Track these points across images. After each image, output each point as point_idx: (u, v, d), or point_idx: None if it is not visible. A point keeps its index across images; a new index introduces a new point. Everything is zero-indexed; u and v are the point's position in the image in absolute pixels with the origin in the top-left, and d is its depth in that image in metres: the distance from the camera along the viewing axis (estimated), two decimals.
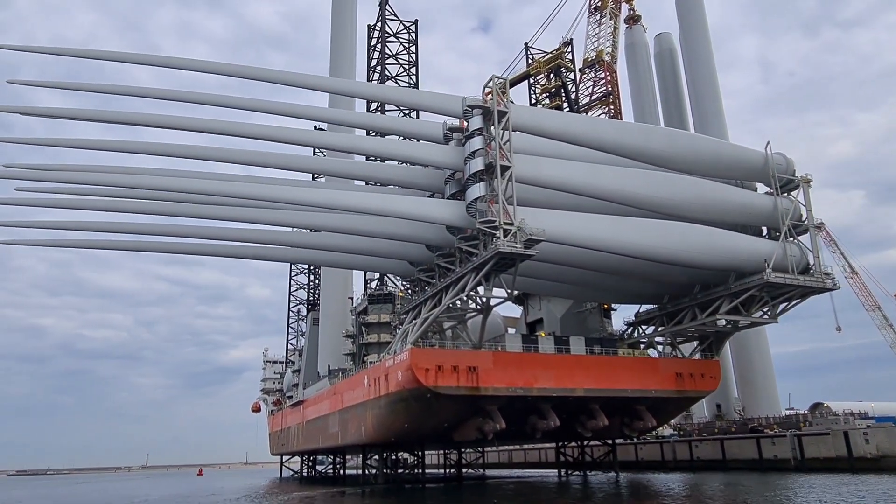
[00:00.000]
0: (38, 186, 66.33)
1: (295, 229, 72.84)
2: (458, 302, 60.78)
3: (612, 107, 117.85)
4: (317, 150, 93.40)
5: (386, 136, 72.41)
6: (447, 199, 61.01)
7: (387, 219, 59.76)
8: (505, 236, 53.51)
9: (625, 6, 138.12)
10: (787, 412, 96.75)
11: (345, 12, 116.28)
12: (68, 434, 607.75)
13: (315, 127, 66.93)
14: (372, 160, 74.40)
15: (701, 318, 71.27)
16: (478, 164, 55.92)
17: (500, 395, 62.95)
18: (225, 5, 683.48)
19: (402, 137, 68.56)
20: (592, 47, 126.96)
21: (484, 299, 60.98)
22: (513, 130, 58.87)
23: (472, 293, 59.82)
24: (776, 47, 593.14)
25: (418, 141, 65.70)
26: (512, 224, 54.18)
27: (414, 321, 67.62)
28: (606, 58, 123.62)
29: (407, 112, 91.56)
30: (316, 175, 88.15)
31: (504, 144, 57.07)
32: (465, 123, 59.28)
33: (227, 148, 59.76)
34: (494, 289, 60.57)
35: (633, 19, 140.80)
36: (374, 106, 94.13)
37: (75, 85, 65.91)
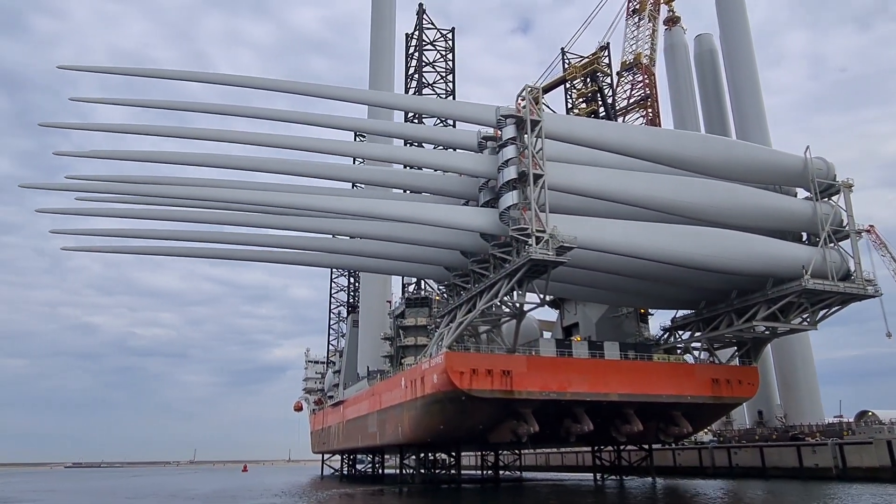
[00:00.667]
0: (96, 196, 70.61)
1: (335, 236, 75.46)
2: (492, 307, 61.99)
3: (650, 110, 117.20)
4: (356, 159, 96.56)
5: (423, 145, 74.51)
6: (481, 206, 62.47)
7: (423, 226, 61.61)
8: (537, 243, 54.66)
9: (664, 7, 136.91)
10: (833, 420, 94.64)
11: (384, 20, 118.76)
12: (120, 428, 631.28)
13: (355, 136, 69.24)
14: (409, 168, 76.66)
15: (737, 324, 70.89)
16: (511, 173, 57.23)
17: (534, 398, 64.04)
18: (269, 12, 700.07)
19: (437, 146, 70.43)
20: (630, 50, 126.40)
21: (517, 305, 62.08)
22: (546, 138, 60.03)
23: (505, 298, 60.98)
24: (826, 42, 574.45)
25: (455, 150, 67.32)
26: (544, 231, 55.29)
27: (449, 325, 69.29)
28: (645, 60, 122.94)
29: (443, 122, 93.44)
30: (355, 184, 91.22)
31: (536, 153, 58.22)
32: (499, 132, 60.64)
33: (274, 158, 62.64)
34: (528, 294, 61.87)
35: (672, 21, 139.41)
36: (411, 115, 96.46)
37: (130, 101, 69.84)
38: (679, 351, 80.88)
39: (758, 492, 67.79)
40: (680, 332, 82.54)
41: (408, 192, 70.61)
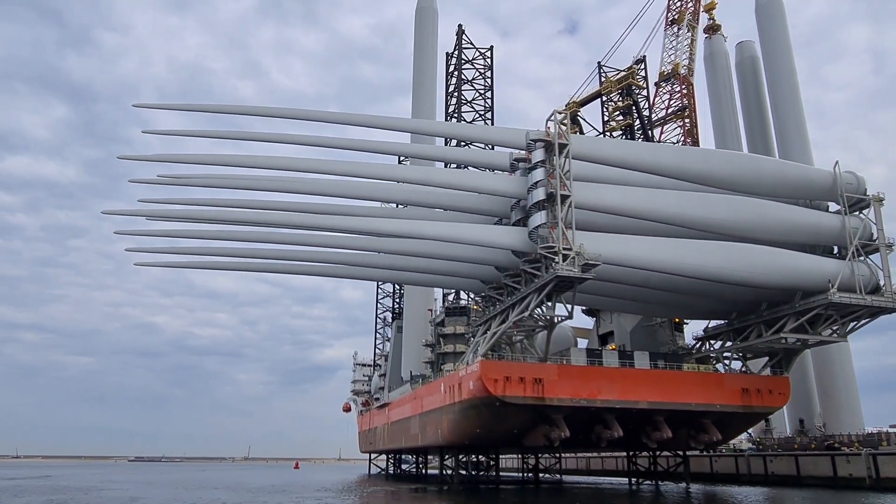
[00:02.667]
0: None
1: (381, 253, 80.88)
2: (523, 318, 65.90)
3: (687, 120, 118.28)
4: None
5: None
6: (513, 224, 66.56)
7: (459, 244, 66.16)
8: (563, 261, 58.41)
9: (704, 16, 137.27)
10: (873, 430, 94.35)
11: (426, 39, 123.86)
12: (179, 424, 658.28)
13: (399, 160, 74.71)
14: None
15: (767, 335, 72.70)
16: (539, 195, 61.14)
17: (565, 405, 67.55)
18: (319, 21, 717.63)
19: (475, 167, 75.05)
20: (669, 60, 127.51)
21: (547, 317, 65.84)
22: (574, 159, 63.66)
23: (536, 311, 64.83)
24: (889, 35, 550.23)
25: (492, 171, 71.63)
26: (570, 249, 58.98)
27: (485, 335, 73.57)
28: (683, 70, 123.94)
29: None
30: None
31: (564, 174, 61.91)
32: (529, 155, 64.59)
33: (331, 179, 68.27)
34: (558, 306, 65.54)
35: (712, 29, 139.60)
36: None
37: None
38: (712, 360, 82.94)
39: (794, 499, 69.22)
40: (712, 342, 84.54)
41: (447, 210, 75.43)
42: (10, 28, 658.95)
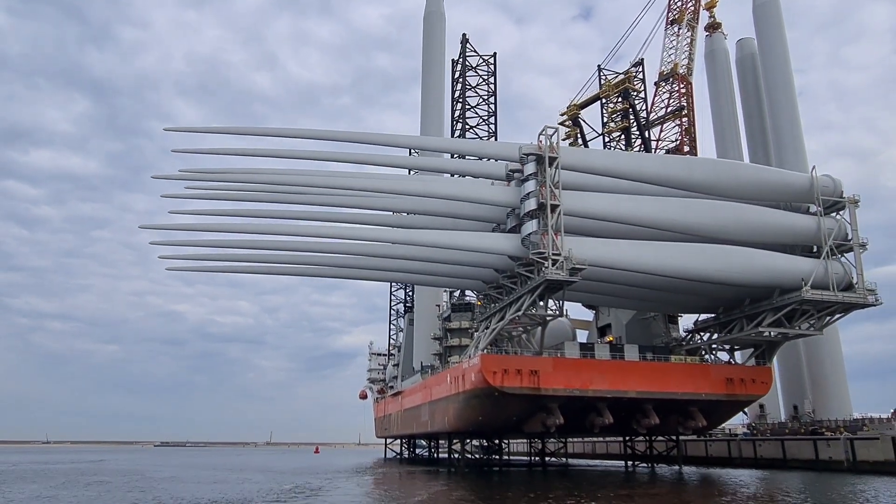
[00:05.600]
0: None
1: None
2: (518, 316, 71.93)
3: (685, 119, 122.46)
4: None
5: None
6: (508, 230, 72.48)
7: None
8: (553, 265, 64.32)
9: (704, 14, 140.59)
10: (858, 416, 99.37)
11: (434, 45, 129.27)
12: (203, 410, 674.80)
13: (409, 171, 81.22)
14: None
15: (748, 329, 78.10)
16: (531, 205, 66.87)
17: (559, 394, 73.63)
18: (334, 12, 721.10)
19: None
20: (669, 60, 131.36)
21: (539, 315, 71.85)
22: (566, 169, 69.25)
23: (528, 310, 70.85)
24: None
25: (491, 181, 77.56)
26: (559, 255, 64.84)
27: (486, 330, 79.85)
28: (682, 70, 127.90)
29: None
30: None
31: (554, 185, 67.60)
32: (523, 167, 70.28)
33: (344, 192, 74.72)
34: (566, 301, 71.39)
35: (713, 27, 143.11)
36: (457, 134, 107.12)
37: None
38: (703, 352, 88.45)
39: (775, 480, 74.31)
40: (701, 334, 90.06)
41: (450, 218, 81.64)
42: (33, 25, 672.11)
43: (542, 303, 69.03)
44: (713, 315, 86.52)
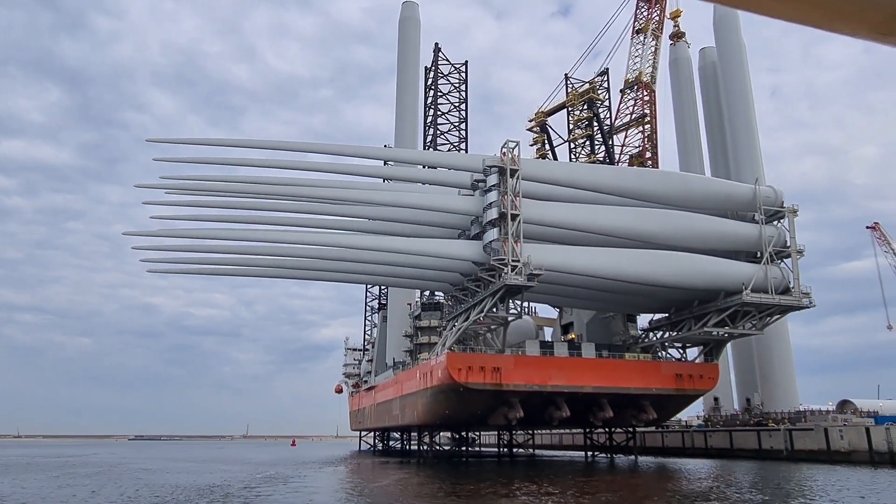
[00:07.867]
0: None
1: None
2: (481, 317, 76.83)
3: (647, 126, 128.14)
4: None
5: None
6: (472, 236, 77.27)
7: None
8: (512, 271, 69.26)
9: (669, 23, 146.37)
10: (801, 408, 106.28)
11: (409, 50, 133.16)
12: (178, 404, 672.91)
13: (384, 180, 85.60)
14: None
15: (695, 328, 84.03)
16: (492, 214, 71.70)
17: (520, 390, 78.77)
18: (313, 4, 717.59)
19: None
20: (634, 68, 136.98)
21: (500, 317, 76.83)
22: (527, 180, 74.12)
23: (491, 312, 75.79)
24: None
25: (458, 190, 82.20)
26: (518, 261, 69.79)
27: (452, 329, 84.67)
28: (646, 78, 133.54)
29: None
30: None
31: (515, 195, 72.45)
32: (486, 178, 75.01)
33: (321, 201, 78.77)
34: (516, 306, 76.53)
35: (677, 36, 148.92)
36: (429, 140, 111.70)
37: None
38: (656, 350, 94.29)
39: (719, 468, 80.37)
40: (655, 333, 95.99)
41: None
42: (5, 13, 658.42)
43: (502, 305, 73.91)
44: (665, 315, 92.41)
